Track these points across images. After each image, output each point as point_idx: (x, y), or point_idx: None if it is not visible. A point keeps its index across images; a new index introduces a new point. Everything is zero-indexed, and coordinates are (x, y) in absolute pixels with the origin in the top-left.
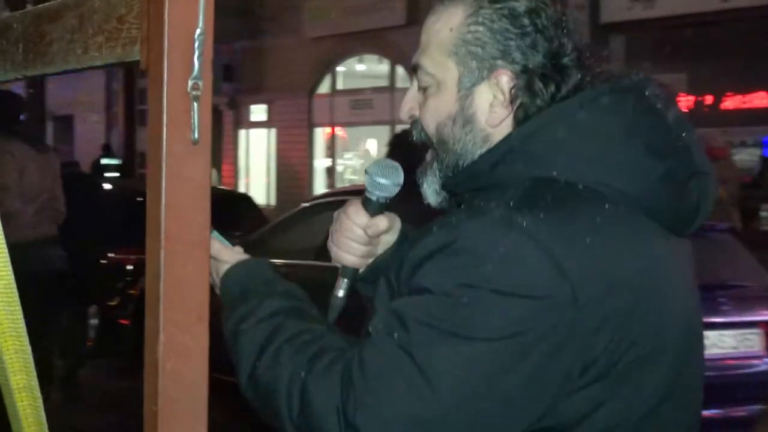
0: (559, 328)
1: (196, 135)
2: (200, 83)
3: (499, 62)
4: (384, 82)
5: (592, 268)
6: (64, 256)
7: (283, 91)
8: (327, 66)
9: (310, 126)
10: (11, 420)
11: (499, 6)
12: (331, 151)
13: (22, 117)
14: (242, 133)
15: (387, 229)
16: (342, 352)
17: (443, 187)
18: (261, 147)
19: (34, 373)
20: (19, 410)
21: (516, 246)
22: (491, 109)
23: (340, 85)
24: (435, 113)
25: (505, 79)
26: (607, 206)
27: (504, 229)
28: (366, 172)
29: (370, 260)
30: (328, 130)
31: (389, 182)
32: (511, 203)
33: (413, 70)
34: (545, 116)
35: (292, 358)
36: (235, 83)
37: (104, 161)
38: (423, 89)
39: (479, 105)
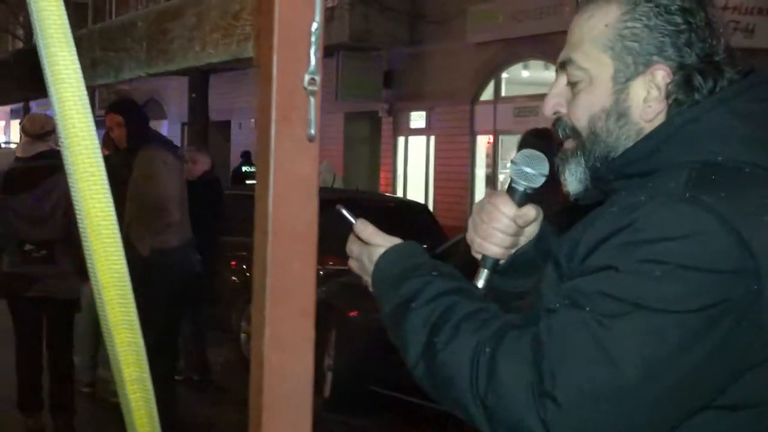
0: (744, 301)
1: (312, 131)
2: (317, 78)
3: (655, 58)
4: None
5: None
6: (200, 260)
7: (444, 98)
8: (491, 72)
9: (472, 133)
10: (124, 412)
11: (654, 4)
12: (492, 159)
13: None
14: (401, 140)
15: (534, 219)
16: (525, 327)
17: (594, 174)
18: (419, 154)
19: (147, 366)
20: (131, 402)
21: (701, 222)
22: (645, 104)
23: (503, 92)
24: (588, 106)
25: (661, 74)
26: None
27: (688, 206)
28: (512, 162)
29: (511, 251)
30: (489, 138)
31: (536, 172)
32: (690, 183)
33: (561, 65)
34: (705, 104)
35: (474, 333)
36: (395, 89)
37: (244, 168)
38: (573, 84)
39: (634, 99)
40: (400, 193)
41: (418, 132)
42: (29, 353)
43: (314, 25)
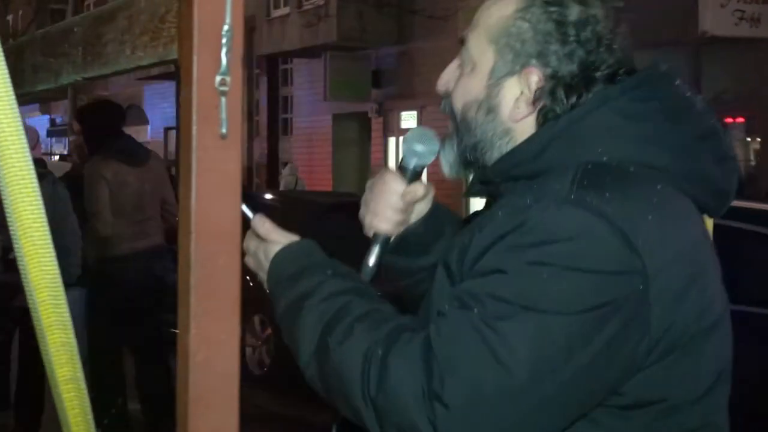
0: (631, 301)
1: (224, 129)
2: (228, 79)
3: (533, 61)
4: None
5: (656, 243)
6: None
7: (435, 97)
8: None
9: None
10: (58, 412)
11: (551, 9)
12: None
13: (122, 128)
14: (392, 140)
15: (423, 196)
16: (417, 330)
17: (480, 179)
18: None
19: (80, 365)
20: (65, 402)
21: (586, 223)
22: (515, 104)
23: None
24: (464, 93)
25: (534, 78)
26: (658, 186)
27: (572, 208)
28: (404, 140)
29: (401, 229)
30: None
31: (426, 149)
32: (574, 185)
33: (460, 42)
34: (590, 103)
35: (366, 335)
36: (384, 89)
37: None
38: (460, 66)
39: (506, 97)
40: None
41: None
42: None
43: (225, 27)
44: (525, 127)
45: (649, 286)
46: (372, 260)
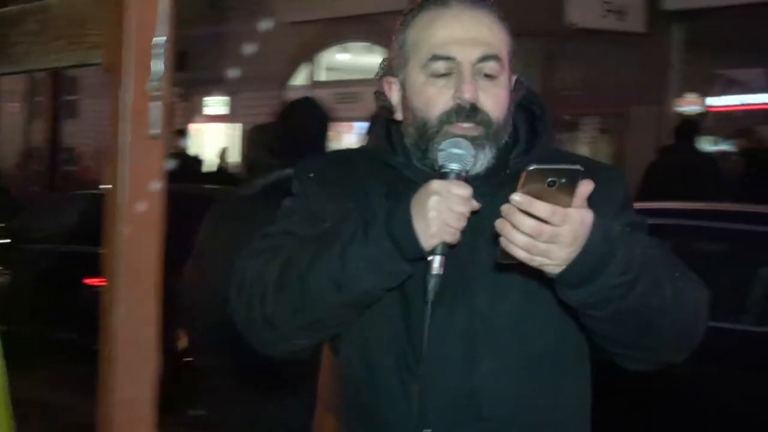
0: None
1: (155, 130)
2: (160, 84)
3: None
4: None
5: None
6: None
7: (250, 83)
8: (306, 55)
9: None
10: None
11: None
12: None
13: None
14: (197, 127)
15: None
16: None
17: None
18: (220, 143)
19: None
20: None
21: None
22: None
23: (322, 77)
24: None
25: None
26: None
27: None
28: (440, 149)
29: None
30: None
31: (465, 152)
32: None
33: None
34: None
35: None
36: (191, 72)
37: None
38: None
39: None
40: None
41: (218, 119)
42: None
43: (157, 39)
44: None
45: None
46: (442, 270)
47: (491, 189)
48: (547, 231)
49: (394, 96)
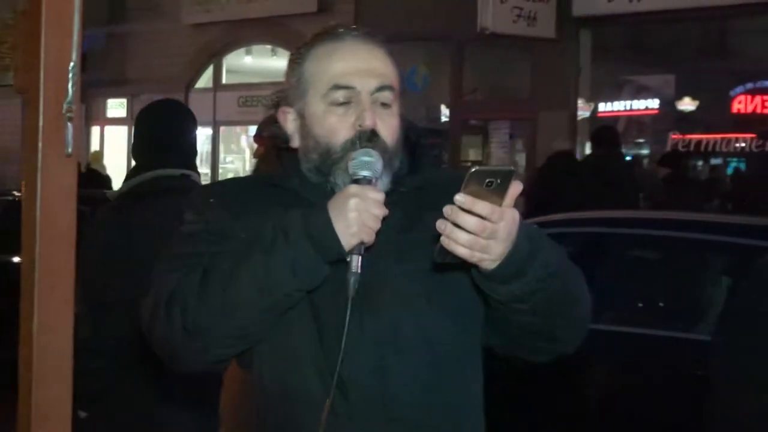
0: None
1: (70, 149)
2: (73, 107)
3: None
4: (281, 77)
5: None
6: None
7: (150, 85)
8: (209, 57)
9: None
10: None
11: None
12: (213, 151)
13: None
14: (95, 130)
15: None
16: None
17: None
18: (120, 147)
19: None
20: None
21: None
22: None
23: (224, 80)
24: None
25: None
26: None
27: None
28: (351, 158)
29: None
30: (208, 130)
31: (373, 159)
32: None
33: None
34: None
35: None
36: (89, 73)
37: None
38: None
39: None
40: None
41: (117, 122)
42: None
43: (71, 64)
44: None
45: None
46: (359, 269)
47: (388, 206)
48: (488, 228)
49: (290, 125)
